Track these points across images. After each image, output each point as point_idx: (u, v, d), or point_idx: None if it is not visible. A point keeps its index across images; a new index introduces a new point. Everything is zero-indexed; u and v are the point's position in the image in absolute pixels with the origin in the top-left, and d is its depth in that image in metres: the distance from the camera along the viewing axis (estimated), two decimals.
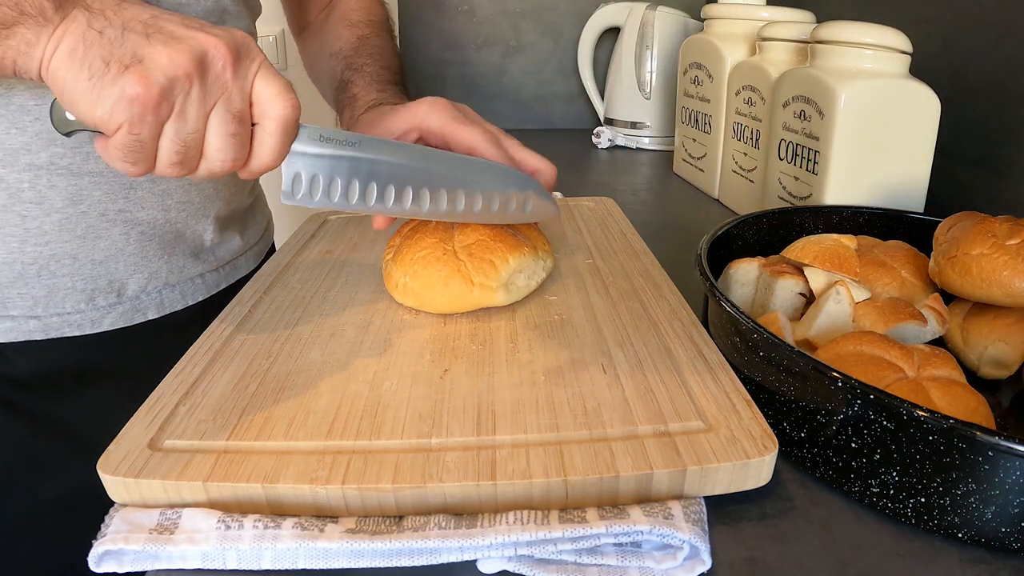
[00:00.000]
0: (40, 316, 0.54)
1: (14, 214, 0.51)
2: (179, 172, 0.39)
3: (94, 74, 0.35)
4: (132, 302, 0.59)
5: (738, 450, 0.35)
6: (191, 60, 0.36)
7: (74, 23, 0.36)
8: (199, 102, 0.37)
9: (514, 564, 0.32)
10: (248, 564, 0.32)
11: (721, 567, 0.33)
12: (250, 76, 0.39)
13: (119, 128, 0.36)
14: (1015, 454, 0.31)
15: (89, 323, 0.57)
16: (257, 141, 0.40)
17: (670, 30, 1.23)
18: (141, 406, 0.40)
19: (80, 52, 0.35)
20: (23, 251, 0.52)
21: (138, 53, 0.36)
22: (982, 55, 0.73)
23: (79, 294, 0.55)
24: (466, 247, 0.50)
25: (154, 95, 0.36)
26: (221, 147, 0.39)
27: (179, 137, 0.37)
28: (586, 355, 0.44)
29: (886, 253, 0.56)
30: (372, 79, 0.66)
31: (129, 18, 0.37)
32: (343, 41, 0.70)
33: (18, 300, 0.53)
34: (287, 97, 0.40)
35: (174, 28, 0.37)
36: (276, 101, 0.39)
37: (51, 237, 0.53)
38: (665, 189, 1.03)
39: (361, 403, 0.40)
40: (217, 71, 0.37)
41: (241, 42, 0.39)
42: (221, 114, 0.38)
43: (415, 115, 0.55)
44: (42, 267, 0.53)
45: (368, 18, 0.73)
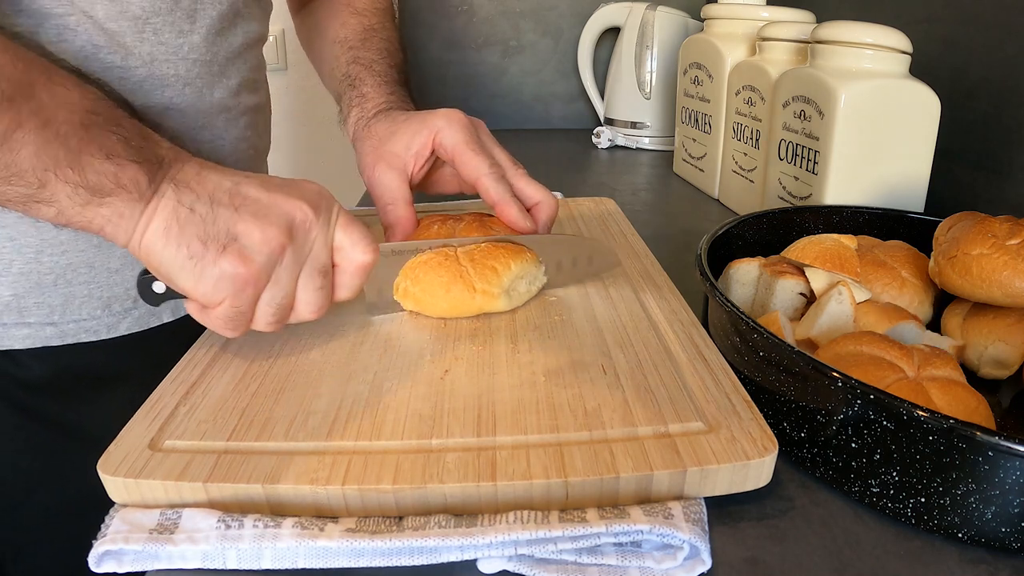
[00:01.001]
0: (57, 323, 0.54)
1: (29, 225, 0.51)
2: (275, 328, 0.42)
3: (193, 254, 0.37)
4: (148, 307, 0.59)
5: (738, 451, 0.35)
6: (282, 232, 0.39)
7: (164, 198, 0.38)
8: (291, 269, 0.40)
9: (514, 564, 0.32)
10: (248, 564, 0.32)
11: (721, 567, 0.33)
12: (331, 229, 0.42)
13: (221, 303, 0.39)
14: (1015, 454, 0.31)
15: (105, 328, 0.57)
16: (339, 282, 0.43)
17: (670, 30, 1.23)
18: (141, 407, 0.40)
19: (175, 231, 0.37)
20: (39, 261, 0.52)
21: (231, 230, 0.38)
22: (982, 55, 0.73)
23: (95, 301, 0.55)
24: (468, 252, 0.50)
25: (254, 272, 0.38)
26: (311, 301, 0.42)
27: (275, 302, 0.40)
28: (586, 356, 0.44)
29: (886, 253, 0.56)
30: (382, 79, 0.65)
31: (213, 189, 0.39)
32: (348, 29, 0.69)
33: (35, 308, 0.53)
34: (366, 243, 0.43)
35: (257, 194, 0.39)
36: (356, 248, 0.42)
37: (67, 247, 0.53)
38: (665, 189, 1.03)
39: (361, 404, 0.40)
40: (304, 234, 0.40)
41: (318, 197, 0.41)
42: (309, 273, 0.41)
43: (432, 129, 0.56)
44: (58, 276, 0.53)
45: (374, 6, 0.72)
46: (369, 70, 0.66)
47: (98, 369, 0.58)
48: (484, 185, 0.54)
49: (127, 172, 0.38)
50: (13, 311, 0.53)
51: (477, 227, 0.52)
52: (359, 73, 0.65)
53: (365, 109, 0.63)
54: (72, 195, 0.37)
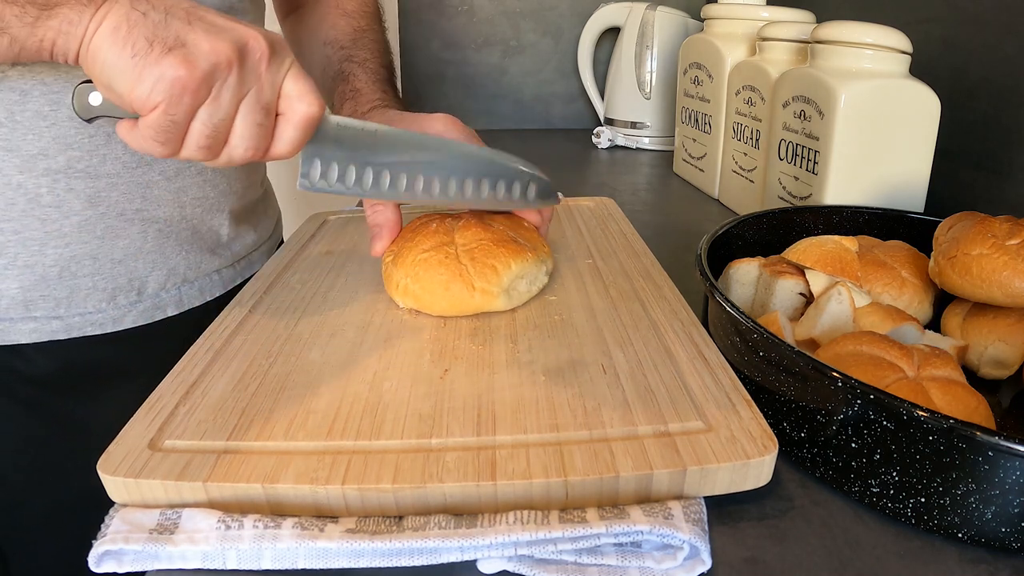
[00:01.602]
0: (62, 316, 0.55)
1: (34, 218, 0.51)
2: (203, 156, 0.40)
3: (137, 53, 0.36)
4: (152, 299, 0.59)
5: (738, 450, 0.35)
6: (232, 49, 0.38)
7: (116, 4, 0.37)
8: (234, 90, 0.39)
9: (514, 564, 0.32)
10: (248, 564, 0.32)
11: (721, 567, 0.33)
12: (282, 72, 0.41)
13: (155, 107, 0.37)
14: (1015, 454, 0.31)
15: (111, 322, 0.57)
16: (279, 132, 0.42)
17: (670, 30, 1.23)
18: (141, 406, 0.40)
19: (124, 30, 0.36)
20: (44, 254, 0.52)
21: (181, 37, 0.37)
22: (982, 55, 0.73)
23: (100, 294, 0.56)
24: (468, 250, 0.50)
25: (196, 78, 0.37)
26: (247, 135, 0.40)
27: (211, 121, 0.39)
28: (586, 355, 0.44)
29: (886, 253, 0.56)
30: (375, 76, 0.66)
31: (171, 4, 0.38)
32: (338, 30, 0.71)
33: (40, 302, 0.54)
34: (314, 96, 0.41)
35: (214, 18, 0.39)
36: (303, 99, 0.41)
37: (71, 239, 0.53)
38: (665, 189, 1.03)
39: (361, 403, 0.40)
40: (254, 62, 0.39)
41: (277, 40, 0.40)
42: (251, 104, 0.40)
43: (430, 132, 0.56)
44: (63, 268, 0.54)
45: (362, 9, 0.74)
46: (362, 67, 0.66)
47: (103, 364, 0.58)
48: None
49: None
50: (19, 305, 0.53)
51: (476, 224, 0.52)
52: (352, 70, 0.66)
53: (359, 103, 0.63)
54: (20, 15, 0.37)
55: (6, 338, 0.54)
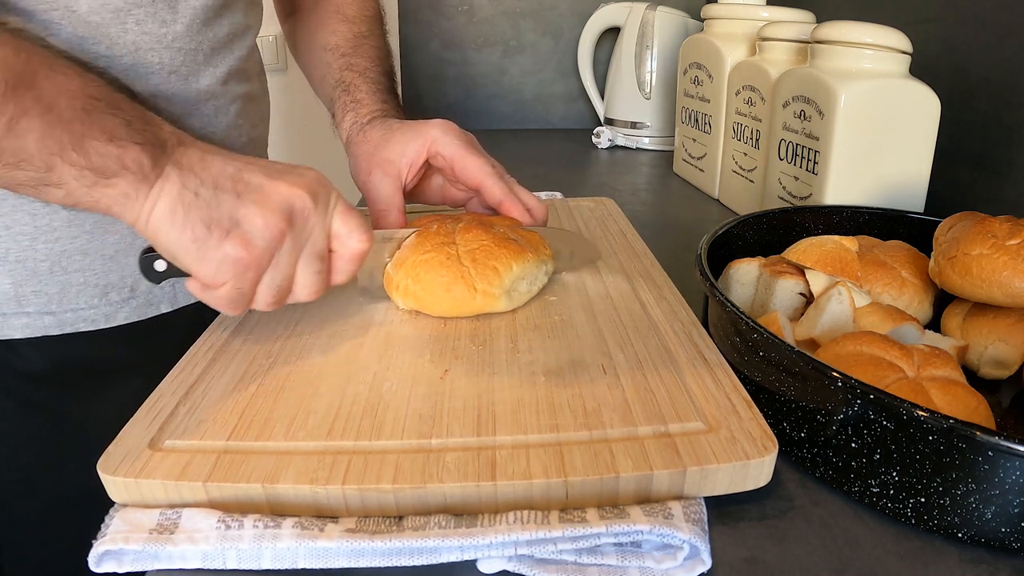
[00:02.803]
0: (55, 312, 0.55)
1: (24, 213, 0.52)
2: (273, 308, 0.44)
3: (197, 237, 0.39)
4: (145, 296, 0.59)
5: (738, 451, 0.35)
6: (283, 219, 0.41)
7: (168, 182, 0.39)
8: (291, 253, 0.42)
9: (514, 564, 0.32)
10: (248, 564, 0.32)
11: (721, 567, 0.33)
12: (329, 215, 0.44)
13: (223, 284, 0.41)
14: (1015, 454, 0.31)
15: (103, 318, 0.57)
16: (336, 267, 0.46)
17: (670, 30, 1.23)
18: (141, 406, 0.40)
19: (180, 215, 0.39)
20: (35, 248, 0.53)
21: (234, 216, 0.40)
22: (982, 55, 0.73)
23: (92, 290, 0.56)
24: (469, 252, 0.50)
25: (256, 257, 0.40)
26: (309, 283, 0.44)
27: (274, 284, 0.42)
28: (586, 356, 0.44)
29: (886, 253, 0.56)
30: (376, 86, 0.66)
31: (217, 175, 0.41)
32: (339, 36, 0.70)
33: (32, 297, 0.54)
34: (362, 232, 0.45)
35: (260, 180, 0.41)
36: (353, 235, 0.45)
37: (60, 234, 0.53)
38: (665, 189, 1.03)
39: (361, 403, 0.40)
40: (303, 221, 0.42)
41: (319, 185, 0.43)
42: (307, 257, 0.43)
43: (427, 138, 0.58)
44: (54, 263, 0.54)
45: (363, 14, 0.73)
46: (363, 76, 0.67)
47: (98, 360, 0.58)
48: (488, 184, 0.57)
49: (130, 153, 0.39)
50: (11, 300, 0.53)
51: (476, 226, 0.52)
52: (353, 79, 0.67)
53: (359, 115, 0.64)
54: (79, 177, 0.38)
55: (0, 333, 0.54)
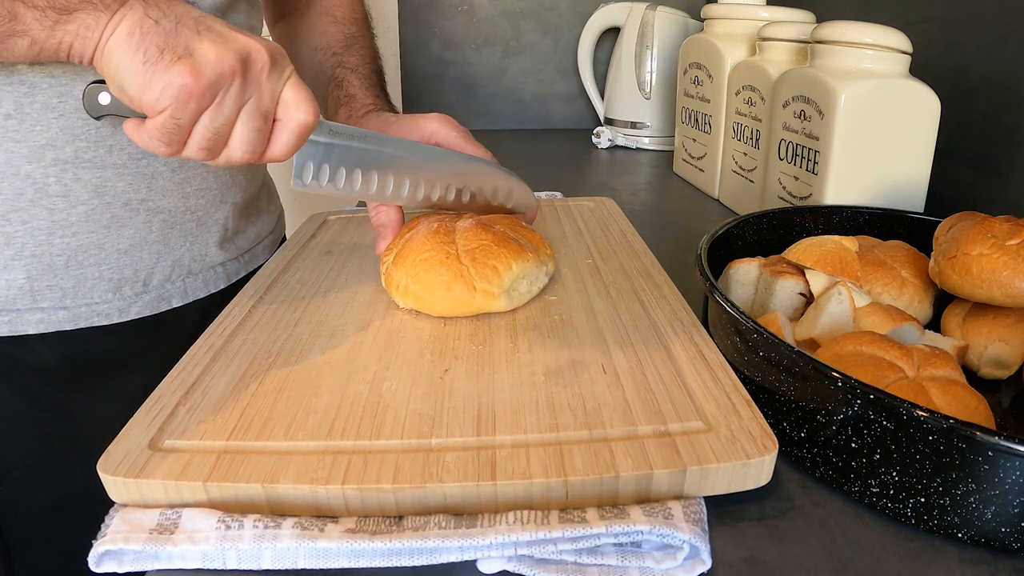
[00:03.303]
0: (69, 307, 0.56)
1: (41, 208, 0.52)
2: (203, 156, 0.42)
3: (148, 59, 0.39)
4: (157, 291, 0.60)
5: (738, 450, 0.35)
6: (237, 59, 0.40)
7: (131, 11, 0.39)
8: (236, 97, 0.41)
9: (514, 564, 0.32)
10: (248, 564, 0.32)
11: (721, 567, 0.33)
12: (282, 81, 0.43)
13: (163, 111, 0.39)
14: (1015, 454, 0.31)
15: (116, 312, 0.58)
16: (276, 137, 0.44)
17: (670, 30, 1.23)
18: (141, 406, 0.40)
19: (137, 37, 0.39)
20: (51, 243, 0.53)
21: (190, 46, 0.39)
22: (982, 55, 0.73)
23: (106, 284, 0.57)
24: (469, 251, 0.50)
25: (201, 86, 0.39)
26: (245, 139, 0.43)
27: (213, 126, 0.41)
28: (586, 355, 0.44)
29: (886, 253, 0.56)
30: (368, 82, 0.68)
31: (181, 13, 0.40)
32: (329, 37, 0.72)
33: (47, 292, 0.55)
34: (310, 104, 0.44)
35: (221, 28, 0.41)
36: (300, 106, 0.44)
37: (77, 228, 0.54)
38: (665, 189, 1.03)
39: (361, 403, 0.40)
40: (256, 72, 0.42)
41: (278, 51, 0.43)
42: (251, 110, 0.42)
43: (425, 130, 0.58)
44: (70, 258, 0.54)
45: (352, 16, 0.75)
46: (355, 73, 0.68)
47: (108, 355, 0.59)
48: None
49: None
50: (26, 295, 0.54)
51: (476, 225, 0.52)
52: (345, 76, 0.68)
53: (353, 108, 0.64)
54: (41, 18, 0.39)
55: (13, 328, 0.54)
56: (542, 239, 0.56)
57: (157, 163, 0.57)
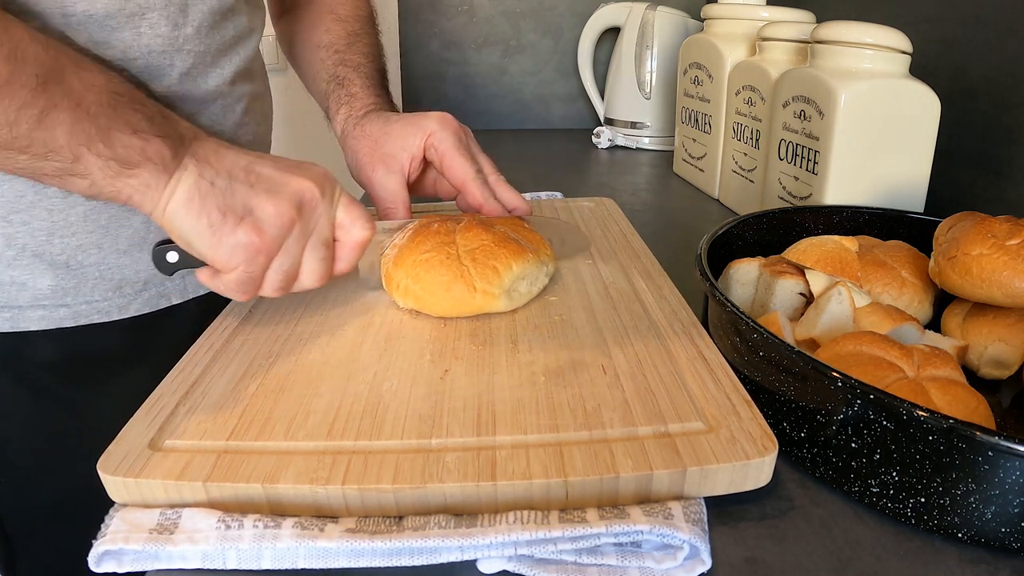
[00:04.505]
0: (70, 304, 0.56)
1: (41, 209, 0.53)
2: (280, 293, 0.46)
3: (213, 223, 0.41)
4: (157, 288, 0.61)
5: (738, 451, 0.35)
6: (293, 208, 0.43)
7: (186, 172, 0.42)
8: (299, 240, 0.45)
9: (514, 564, 0.32)
10: (248, 564, 0.32)
11: (721, 567, 0.33)
12: (334, 207, 0.47)
13: (235, 269, 0.43)
14: (1015, 454, 0.31)
15: (116, 309, 0.58)
16: (340, 255, 0.48)
17: (670, 30, 1.23)
18: (141, 406, 0.40)
19: (197, 203, 0.41)
20: (51, 243, 0.54)
21: (248, 204, 0.42)
22: (982, 55, 0.73)
23: (106, 283, 0.57)
24: (470, 251, 0.50)
25: (267, 242, 0.43)
26: (314, 270, 0.46)
27: (283, 269, 0.45)
28: (586, 356, 0.44)
29: (886, 253, 0.56)
30: (370, 80, 0.68)
31: (231, 166, 0.43)
32: (333, 35, 0.72)
33: (48, 291, 0.55)
34: (365, 221, 0.48)
35: (271, 173, 0.44)
36: (355, 225, 0.47)
37: (77, 228, 0.54)
38: (665, 189, 1.03)
39: (361, 403, 0.40)
40: (310, 210, 0.45)
41: (325, 178, 0.46)
42: (314, 244, 0.46)
43: (426, 131, 0.59)
44: (70, 257, 0.55)
45: (356, 13, 0.75)
46: (357, 71, 0.68)
47: (109, 351, 0.59)
48: (470, 188, 0.59)
49: (152, 146, 0.41)
50: (28, 293, 0.54)
51: (476, 225, 0.52)
52: (347, 74, 0.68)
53: (354, 108, 0.65)
54: (104, 168, 0.41)
55: (15, 325, 0.55)
56: (542, 239, 0.56)
57: None
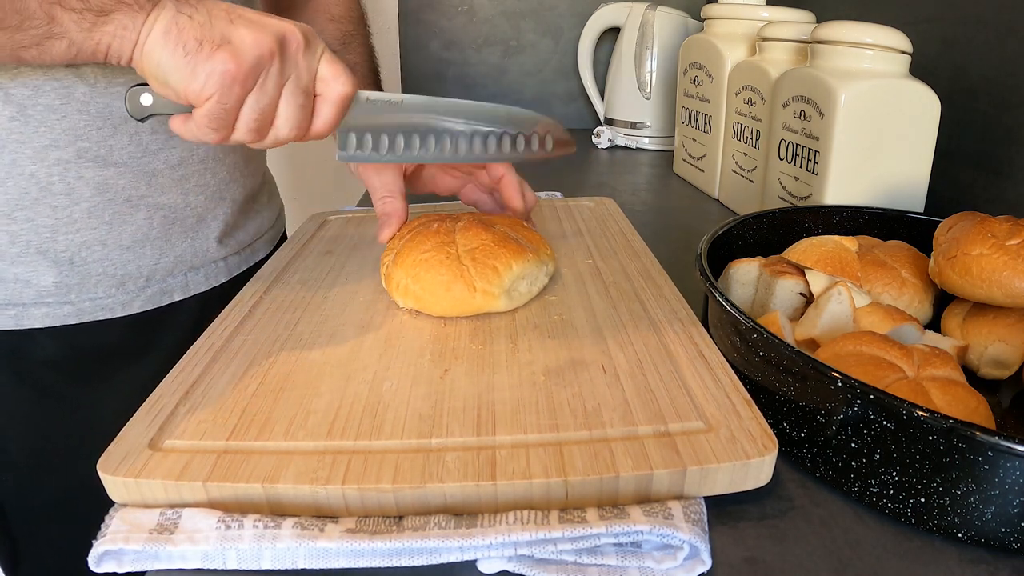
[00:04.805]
0: (73, 301, 0.56)
1: (45, 206, 0.53)
2: (252, 138, 0.44)
3: (189, 51, 0.40)
4: (159, 285, 0.61)
5: (738, 450, 0.35)
6: (273, 40, 0.42)
7: (164, 9, 0.41)
8: (277, 77, 0.43)
9: (514, 564, 0.32)
10: (248, 564, 0.32)
11: (721, 567, 0.33)
12: (317, 57, 0.45)
13: (209, 98, 0.41)
14: (1015, 454, 0.31)
15: (120, 306, 0.59)
16: (318, 111, 0.46)
17: (670, 30, 1.23)
18: (142, 406, 0.40)
19: (174, 33, 0.40)
20: (55, 240, 0.54)
21: (226, 34, 0.41)
22: (982, 55, 0.73)
23: (110, 279, 0.58)
24: (469, 251, 0.50)
25: (243, 69, 0.41)
26: (290, 116, 0.44)
27: (258, 106, 0.43)
28: (586, 355, 0.44)
29: (886, 253, 0.56)
30: (365, 80, 0.69)
31: (211, 7, 0.42)
32: (327, 35, 0.73)
33: (52, 288, 0.55)
34: (346, 76, 0.46)
35: (252, 15, 0.43)
36: (338, 79, 0.46)
37: (80, 225, 0.55)
38: (665, 189, 1.03)
39: (361, 403, 0.40)
40: (292, 51, 0.43)
41: (309, 30, 0.45)
42: (292, 88, 0.44)
43: None
44: (74, 254, 0.55)
45: (349, 14, 0.76)
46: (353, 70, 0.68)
47: (111, 347, 0.60)
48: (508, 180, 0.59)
49: None
50: (32, 290, 0.55)
51: (476, 224, 0.52)
52: None
53: None
54: (79, 20, 0.40)
55: (19, 322, 0.55)
56: (542, 239, 0.56)
57: (157, 161, 0.58)
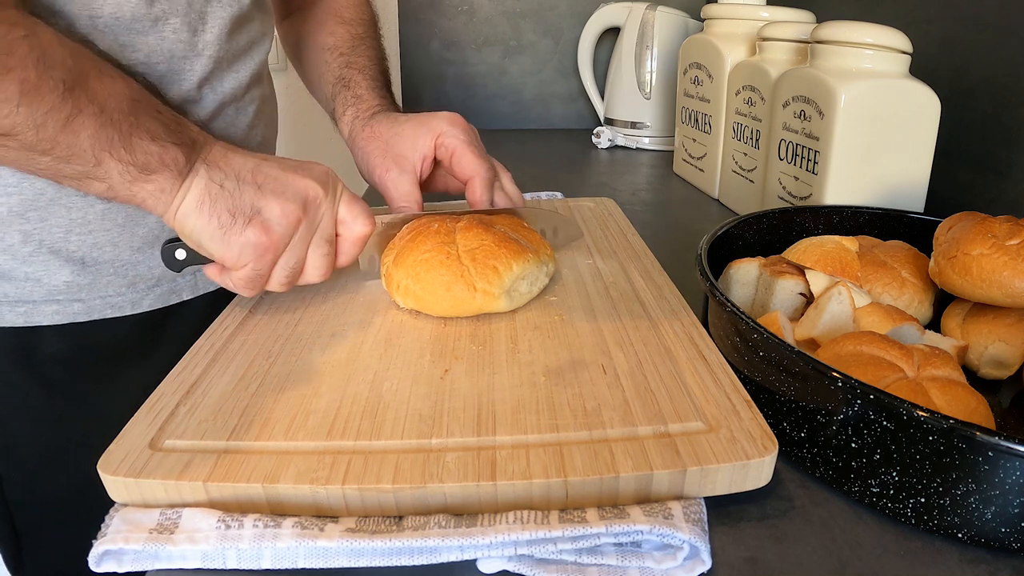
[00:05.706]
0: (84, 299, 0.57)
1: (60, 206, 0.54)
2: (285, 288, 0.49)
3: (223, 224, 0.44)
4: (169, 284, 0.61)
5: (738, 451, 0.35)
6: (299, 207, 0.46)
7: (197, 176, 0.44)
8: (304, 238, 0.47)
9: (514, 564, 0.32)
10: (248, 564, 0.32)
11: (721, 567, 0.33)
12: (336, 203, 0.49)
13: (244, 266, 0.45)
14: (1015, 454, 0.31)
15: (129, 305, 0.59)
16: (341, 249, 0.51)
17: (670, 30, 1.23)
18: (142, 406, 0.40)
19: (207, 205, 0.44)
20: (68, 240, 0.55)
21: (255, 205, 0.45)
22: (982, 55, 0.73)
23: (120, 279, 0.58)
24: (470, 251, 0.50)
25: (274, 241, 0.45)
26: (319, 265, 0.49)
27: (289, 266, 0.47)
28: (586, 355, 0.44)
29: (886, 253, 0.56)
30: (375, 83, 0.69)
31: (239, 169, 0.45)
32: (337, 37, 0.73)
33: (63, 287, 0.56)
34: (366, 217, 0.50)
35: (276, 174, 0.46)
36: (357, 220, 0.50)
37: (94, 226, 0.55)
38: (665, 189, 1.03)
39: (361, 403, 0.40)
40: (315, 209, 0.47)
41: (326, 177, 0.48)
42: (318, 241, 0.48)
43: (435, 131, 0.61)
44: (86, 254, 0.56)
45: (360, 17, 0.76)
46: (362, 74, 0.70)
47: (120, 345, 0.60)
48: (474, 185, 0.60)
49: (169, 152, 0.43)
50: (43, 288, 0.55)
51: (476, 225, 0.52)
52: (353, 76, 0.69)
53: (361, 109, 0.66)
54: (123, 172, 0.42)
55: (29, 320, 0.55)
56: (542, 239, 0.56)
57: None
